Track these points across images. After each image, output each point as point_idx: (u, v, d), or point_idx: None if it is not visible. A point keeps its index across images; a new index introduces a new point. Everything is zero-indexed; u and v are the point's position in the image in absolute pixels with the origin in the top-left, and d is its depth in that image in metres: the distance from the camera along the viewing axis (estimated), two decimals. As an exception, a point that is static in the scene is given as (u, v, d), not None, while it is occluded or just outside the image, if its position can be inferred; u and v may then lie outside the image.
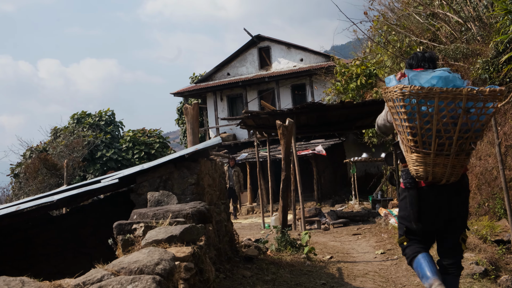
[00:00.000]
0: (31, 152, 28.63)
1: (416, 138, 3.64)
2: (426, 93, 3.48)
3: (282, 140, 9.85)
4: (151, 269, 2.73)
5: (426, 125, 3.56)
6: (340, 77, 18.18)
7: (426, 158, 3.66)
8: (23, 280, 2.69)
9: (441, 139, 3.58)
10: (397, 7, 15.24)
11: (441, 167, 3.65)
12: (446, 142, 3.57)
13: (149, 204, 5.00)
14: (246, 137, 27.67)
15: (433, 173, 3.68)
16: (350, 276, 6.37)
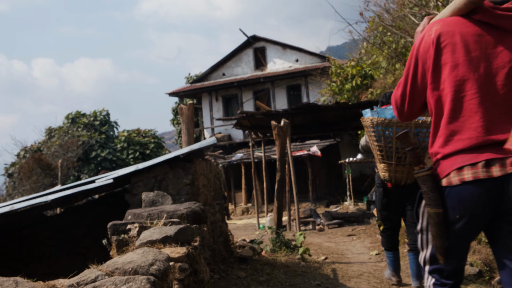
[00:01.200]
0: (25, 152, 28.58)
1: (383, 153, 5.06)
2: (387, 123, 4.91)
3: (277, 140, 9.86)
4: (146, 269, 2.72)
5: (388, 144, 4.97)
6: (335, 77, 18.18)
7: (390, 167, 5.09)
8: (17, 280, 2.68)
9: (399, 154, 4.96)
10: (393, 8, 15.27)
11: (400, 173, 5.07)
12: (403, 156, 4.95)
13: (144, 204, 4.99)
14: (241, 137, 27.68)
15: (395, 178, 5.10)
16: (345, 277, 6.37)
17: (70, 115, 31.29)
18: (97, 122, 31.08)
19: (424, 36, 2.55)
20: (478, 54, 2.39)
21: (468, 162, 2.33)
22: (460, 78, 2.39)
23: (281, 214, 10.05)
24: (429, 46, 2.49)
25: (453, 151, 2.39)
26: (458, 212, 2.39)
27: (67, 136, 28.01)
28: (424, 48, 2.53)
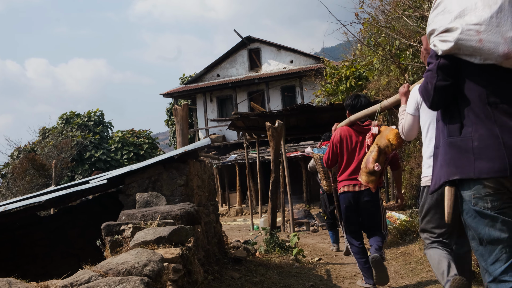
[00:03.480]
0: (19, 152, 28.50)
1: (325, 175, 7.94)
2: (315, 156, 7.72)
3: (271, 141, 9.86)
4: (139, 270, 2.72)
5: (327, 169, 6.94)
6: (330, 79, 18.22)
7: (329, 183, 7.59)
8: (10, 281, 2.67)
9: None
10: (387, 10, 15.30)
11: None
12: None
13: (138, 205, 4.98)
14: (235, 138, 27.68)
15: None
16: (339, 278, 6.38)
17: (64, 116, 31.23)
18: (91, 123, 31.03)
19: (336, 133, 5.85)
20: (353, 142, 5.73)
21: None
22: None
23: (275, 215, 10.05)
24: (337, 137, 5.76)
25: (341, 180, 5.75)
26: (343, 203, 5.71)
27: (61, 137, 27.94)
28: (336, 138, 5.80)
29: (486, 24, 2.50)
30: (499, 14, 2.49)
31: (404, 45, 13.02)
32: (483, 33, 2.49)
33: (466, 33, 2.52)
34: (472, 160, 2.58)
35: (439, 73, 2.69)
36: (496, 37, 2.47)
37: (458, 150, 2.64)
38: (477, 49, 2.51)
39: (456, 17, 2.59)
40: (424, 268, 6.40)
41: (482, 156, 2.55)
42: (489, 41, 2.49)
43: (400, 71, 13.28)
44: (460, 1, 2.62)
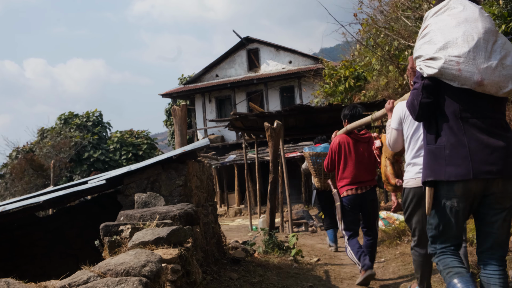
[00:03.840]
0: (17, 152, 28.49)
1: (316, 172, 8.66)
2: (318, 154, 8.52)
3: (270, 142, 9.86)
4: (138, 271, 2.72)
5: (319, 167, 8.50)
6: (328, 79, 18.21)
7: (320, 180, 8.69)
8: (8, 281, 2.67)
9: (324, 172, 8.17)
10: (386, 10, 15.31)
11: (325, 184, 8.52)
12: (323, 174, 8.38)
13: (136, 205, 4.98)
14: (234, 139, 27.69)
15: (323, 186, 8.63)
16: (337, 278, 6.38)
17: (62, 116, 31.21)
18: (90, 123, 31.02)
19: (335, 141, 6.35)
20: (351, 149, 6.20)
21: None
22: None
23: (274, 216, 10.05)
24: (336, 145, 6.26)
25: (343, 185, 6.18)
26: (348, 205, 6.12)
27: (60, 137, 27.94)
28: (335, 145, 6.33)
29: (464, 57, 3.08)
30: (475, 49, 3.09)
31: (403, 46, 13.03)
32: (462, 64, 3.08)
33: (448, 63, 3.10)
34: (444, 165, 3.17)
35: (423, 92, 3.28)
36: (472, 68, 3.07)
37: (434, 156, 3.25)
38: (457, 76, 3.11)
39: (440, 49, 3.16)
40: (422, 268, 6.40)
41: (451, 162, 3.15)
42: (466, 71, 3.07)
43: (399, 72, 13.29)
44: (443, 35, 3.19)
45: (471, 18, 3.20)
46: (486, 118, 3.17)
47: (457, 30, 3.18)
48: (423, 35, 3.36)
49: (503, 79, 3.09)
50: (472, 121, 3.15)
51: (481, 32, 3.13)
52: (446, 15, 3.29)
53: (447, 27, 3.22)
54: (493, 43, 3.14)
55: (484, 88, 3.10)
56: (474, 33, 3.13)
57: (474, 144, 3.11)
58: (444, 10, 3.32)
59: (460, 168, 3.11)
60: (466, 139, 3.12)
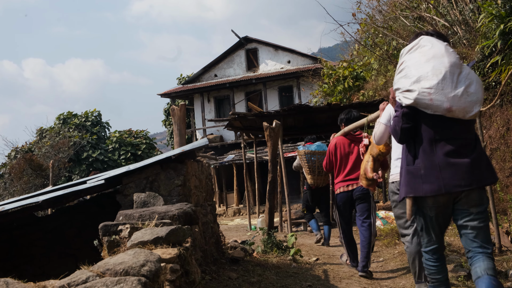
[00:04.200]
0: (16, 152, 28.46)
1: (309, 169, 9.34)
2: (312, 153, 9.19)
3: (269, 142, 9.87)
4: (137, 270, 2.72)
5: (313, 164, 9.23)
6: (327, 79, 18.21)
7: (313, 177, 9.40)
8: (7, 281, 2.67)
9: (318, 170, 9.23)
10: (385, 10, 15.32)
11: (318, 180, 9.41)
12: (317, 171, 9.23)
13: (135, 205, 4.98)
14: (233, 138, 27.69)
15: (316, 183, 9.43)
16: (336, 278, 6.39)
17: (61, 116, 31.18)
18: (89, 123, 30.99)
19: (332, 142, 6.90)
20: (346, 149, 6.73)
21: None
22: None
23: (273, 215, 10.07)
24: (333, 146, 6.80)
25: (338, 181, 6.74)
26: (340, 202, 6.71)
27: (59, 137, 27.91)
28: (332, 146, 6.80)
29: (434, 88, 3.64)
30: (443, 81, 3.63)
31: (401, 45, 13.04)
32: (432, 94, 3.64)
33: (421, 94, 3.67)
34: (421, 183, 3.76)
35: (403, 119, 3.82)
36: (441, 97, 3.62)
37: (412, 176, 3.83)
38: (429, 105, 3.67)
39: (414, 82, 3.71)
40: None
41: (427, 181, 3.73)
42: (437, 100, 3.63)
43: (398, 71, 13.29)
44: (417, 70, 3.75)
45: (438, 54, 3.76)
46: (457, 139, 3.73)
47: (427, 66, 3.73)
48: (400, 70, 3.92)
49: (468, 104, 3.66)
50: (443, 144, 3.72)
51: (447, 66, 3.67)
52: (418, 52, 3.87)
53: (419, 63, 3.78)
54: (458, 74, 3.68)
55: (453, 114, 3.66)
56: (441, 67, 3.68)
57: (444, 164, 3.69)
58: (416, 48, 3.90)
59: (434, 185, 3.70)
60: (437, 160, 3.71)
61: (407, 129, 3.84)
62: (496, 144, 8.96)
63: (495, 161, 8.89)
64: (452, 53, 3.79)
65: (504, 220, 8.16)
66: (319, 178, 9.31)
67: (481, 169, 3.74)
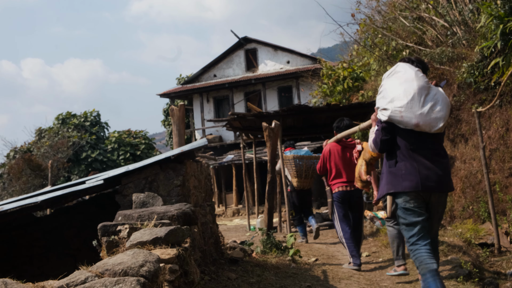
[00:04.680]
0: (15, 152, 28.44)
1: (296, 173, 9.98)
2: (300, 157, 10.04)
3: (268, 142, 9.86)
4: (136, 271, 2.72)
5: (300, 168, 9.97)
6: (326, 79, 18.19)
7: (300, 180, 10.03)
8: (6, 281, 2.67)
9: (304, 173, 9.98)
10: (384, 10, 15.32)
11: (303, 183, 10.09)
12: (303, 175, 9.93)
13: (134, 205, 4.98)
14: (232, 139, 27.68)
15: (302, 185, 10.08)
16: (335, 278, 6.38)
17: (60, 116, 31.15)
18: (88, 123, 30.97)
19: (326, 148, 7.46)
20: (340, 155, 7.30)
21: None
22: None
23: (272, 216, 10.05)
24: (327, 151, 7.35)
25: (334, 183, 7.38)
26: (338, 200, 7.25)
27: (57, 137, 27.89)
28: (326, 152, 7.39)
29: (404, 107, 4.36)
30: (412, 101, 4.36)
31: (400, 46, 13.04)
32: (403, 112, 4.37)
33: (394, 112, 4.40)
34: (401, 181, 4.45)
35: (382, 132, 4.58)
36: (410, 114, 4.35)
37: (394, 176, 4.52)
38: (401, 121, 4.41)
39: (389, 102, 4.45)
40: (420, 268, 6.41)
41: (406, 179, 4.42)
42: (406, 117, 4.36)
43: (397, 72, 13.27)
44: (392, 92, 4.49)
45: (409, 79, 4.48)
46: (428, 149, 4.47)
47: (399, 88, 4.46)
48: (380, 92, 4.68)
49: (433, 121, 4.37)
50: (418, 151, 4.45)
51: (416, 89, 4.40)
52: (393, 77, 4.62)
53: (394, 86, 4.53)
54: (425, 95, 4.40)
55: (421, 128, 4.39)
56: (411, 90, 4.40)
57: (421, 167, 4.41)
58: (393, 74, 4.65)
59: (412, 183, 4.39)
60: (416, 164, 4.43)
61: (386, 140, 4.58)
62: (496, 145, 8.96)
63: (494, 161, 8.90)
64: (421, 78, 4.50)
65: (504, 221, 8.16)
66: (305, 181, 10.16)
67: (449, 177, 4.60)
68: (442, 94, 4.51)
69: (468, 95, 10.14)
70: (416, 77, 4.49)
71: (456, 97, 10.59)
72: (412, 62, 4.73)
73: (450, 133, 10.92)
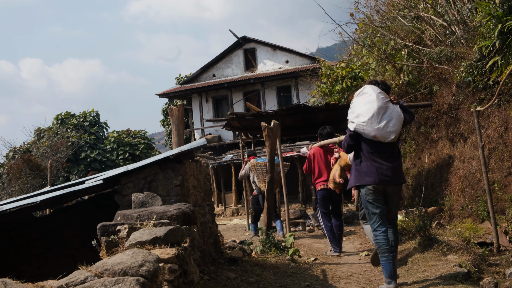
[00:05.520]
0: (14, 152, 28.43)
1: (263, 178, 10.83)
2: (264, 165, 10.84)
3: (267, 142, 9.85)
4: (135, 270, 2.72)
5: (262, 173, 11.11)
6: (325, 79, 18.19)
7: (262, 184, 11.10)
8: (5, 281, 2.67)
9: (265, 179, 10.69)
10: (383, 10, 15.32)
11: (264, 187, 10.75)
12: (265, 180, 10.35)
13: (134, 205, 4.98)
14: (231, 138, 27.67)
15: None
16: (334, 278, 6.39)
17: (59, 116, 31.13)
18: (87, 123, 30.95)
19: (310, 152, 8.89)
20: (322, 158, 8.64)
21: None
22: None
23: (271, 215, 10.04)
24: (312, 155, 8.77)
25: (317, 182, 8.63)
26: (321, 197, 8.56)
27: (57, 137, 27.88)
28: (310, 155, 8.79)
29: (366, 123, 5.54)
30: (371, 118, 5.51)
31: (399, 45, 13.03)
32: (364, 126, 5.56)
33: (358, 125, 5.60)
34: (364, 176, 5.65)
35: (349, 139, 5.77)
36: (370, 128, 5.53)
37: (359, 172, 5.74)
38: (363, 132, 5.60)
39: (355, 117, 5.64)
40: (419, 268, 6.42)
41: (367, 174, 5.62)
42: (367, 130, 5.55)
43: (396, 71, 13.29)
44: (358, 109, 5.66)
45: (371, 100, 5.61)
46: (383, 153, 5.65)
47: (364, 107, 5.62)
48: (350, 107, 5.83)
49: (387, 134, 5.57)
50: (376, 155, 5.65)
51: (376, 109, 5.54)
52: (360, 97, 5.76)
53: (360, 105, 5.69)
54: (382, 114, 5.55)
55: (377, 139, 5.58)
56: (372, 109, 5.55)
57: (378, 166, 5.61)
58: (361, 95, 5.78)
59: (372, 178, 5.61)
60: (375, 164, 5.63)
61: (352, 145, 5.82)
62: (495, 144, 8.96)
63: (493, 160, 8.90)
64: (381, 99, 5.61)
65: (503, 220, 8.16)
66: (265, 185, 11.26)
67: (400, 172, 5.77)
68: (397, 112, 5.67)
69: (467, 94, 10.14)
70: (377, 99, 5.62)
71: (455, 97, 10.60)
72: (378, 84, 5.85)
73: (449, 132, 10.93)
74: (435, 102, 11.48)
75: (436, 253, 6.81)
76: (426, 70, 12.02)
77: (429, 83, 12.14)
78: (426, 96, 12.07)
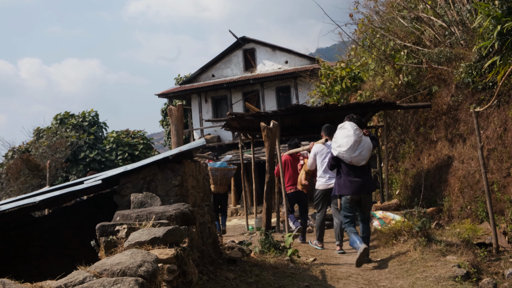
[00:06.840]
0: (13, 152, 28.40)
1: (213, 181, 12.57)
2: (216, 169, 12.67)
3: (266, 142, 9.87)
4: (134, 271, 2.72)
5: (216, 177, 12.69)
6: (324, 79, 18.19)
7: (216, 186, 12.73)
8: (4, 281, 2.67)
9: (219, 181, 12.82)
10: (382, 10, 15.32)
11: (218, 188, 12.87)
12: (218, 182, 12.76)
13: (133, 205, 4.98)
14: (230, 139, 27.65)
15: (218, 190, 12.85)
16: (333, 278, 6.39)
17: (58, 116, 31.10)
18: (86, 123, 30.91)
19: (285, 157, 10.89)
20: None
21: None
22: None
23: (270, 216, 10.07)
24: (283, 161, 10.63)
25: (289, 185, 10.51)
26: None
27: (56, 137, 27.85)
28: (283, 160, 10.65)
29: (345, 152, 7.46)
30: (349, 149, 7.43)
31: (398, 46, 13.04)
32: (344, 154, 7.50)
33: (339, 153, 7.55)
34: (343, 188, 7.63)
35: (332, 160, 7.77)
36: (347, 156, 7.48)
37: (339, 185, 7.71)
38: (342, 158, 7.56)
39: (337, 147, 7.58)
40: (418, 268, 6.42)
41: (345, 187, 7.60)
42: (345, 157, 7.51)
43: (395, 72, 13.30)
44: (339, 141, 7.56)
45: (349, 135, 7.47)
46: (357, 171, 7.55)
47: (344, 140, 7.51)
48: (334, 137, 7.82)
49: (359, 160, 7.51)
50: (351, 173, 7.54)
51: (352, 141, 7.43)
52: (342, 131, 7.62)
53: (341, 137, 7.58)
54: (357, 145, 7.45)
55: (353, 163, 7.51)
56: (349, 142, 7.43)
57: (352, 180, 7.53)
58: (342, 129, 7.64)
59: (348, 190, 7.56)
60: (350, 178, 7.54)
61: (334, 165, 7.80)
62: (494, 145, 8.97)
63: (492, 161, 8.90)
64: (357, 135, 7.47)
65: (502, 221, 8.16)
66: (220, 187, 12.90)
67: (370, 184, 7.70)
68: (368, 143, 7.58)
69: (466, 95, 10.15)
70: (353, 135, 7.46)
71: (454, 97, 10.61)
72: (353, 119, 7.74)
73: (448, 133, 10.94)
74: (434, 102, 11.50)
75: (435, 253, 6.81)
76: (426, 71, 12.03)
77: (428, 83, 12.15)
78: (425, 96, 12.09)
